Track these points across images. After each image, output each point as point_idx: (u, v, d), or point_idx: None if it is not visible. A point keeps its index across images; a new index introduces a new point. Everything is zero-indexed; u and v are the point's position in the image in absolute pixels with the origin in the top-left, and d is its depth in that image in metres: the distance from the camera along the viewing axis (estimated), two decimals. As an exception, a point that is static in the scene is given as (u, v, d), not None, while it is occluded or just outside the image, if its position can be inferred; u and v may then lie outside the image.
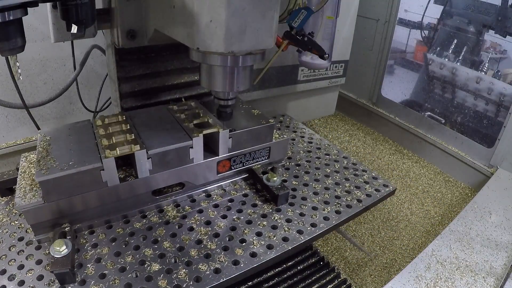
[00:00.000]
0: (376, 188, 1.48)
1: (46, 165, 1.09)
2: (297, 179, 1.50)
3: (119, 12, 1.19)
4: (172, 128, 1.29)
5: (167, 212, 1.28)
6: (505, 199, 1.96)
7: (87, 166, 1.09)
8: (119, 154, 1.12)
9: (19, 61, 0.97)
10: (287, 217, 1.29)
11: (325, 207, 1.35)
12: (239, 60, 1.04)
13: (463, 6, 3.16)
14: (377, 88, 2.98)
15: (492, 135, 2.56)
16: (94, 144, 1.19)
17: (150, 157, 1.18)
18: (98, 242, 1.15)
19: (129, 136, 1.20)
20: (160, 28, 1.15)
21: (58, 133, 1.26)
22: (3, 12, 0.80)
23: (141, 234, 1.18)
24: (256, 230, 1.22)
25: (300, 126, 1.96)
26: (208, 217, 1.27)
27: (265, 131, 1.41)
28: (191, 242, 1.16)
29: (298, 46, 1.48)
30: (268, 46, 1.00)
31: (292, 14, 1.41)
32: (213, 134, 1.29)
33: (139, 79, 1.39)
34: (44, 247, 1.13)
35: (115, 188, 1.16)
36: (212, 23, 0.90)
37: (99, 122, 1.30)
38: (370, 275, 1.85)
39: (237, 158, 1.38)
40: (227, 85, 1.13)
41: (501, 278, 1.41)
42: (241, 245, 1.16)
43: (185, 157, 1.25)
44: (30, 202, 1.07)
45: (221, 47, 0.92)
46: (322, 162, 1.63)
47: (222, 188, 1.42)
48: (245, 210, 1.31)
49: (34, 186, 1.14)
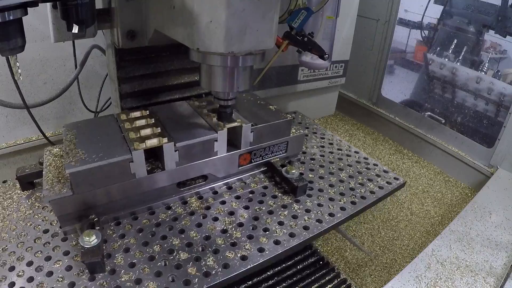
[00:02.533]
0: (387, 181, 1.55)
1: (75, 156, 1.10)
2: (313, 172, 1.56)
3: (119, 13, 1.19)
4: (196, 122, 1.33)
5: (191, 203, 1.31)
6: (505, 199, 1.96)
7: (117, 158, 1.10)
8: (148, 146, 1.14)
9: (19, 61, 0.97)
10: (306, 207, 1.33)
11: (341, 198, 1.40)
12: (239, 61, 1.04)
13: (463, 6, 3.16)
14: (377, 88, 2.98)
15: (492, 135, 2.56)
16: (121, 137, 1.21)
17: (177, 150, 1.20)
18: (125, 232, 1.16)
19: (155, 129, 1.22)
20: (160, 28, 1.15)
21: (83, 127, 1.28)
22: (3, 12, 0.80)
23: (167, 224, 1.21)
24: (277, 219, 1.26)
25: (312, 123, 2.02)
26: (231, 208, 1.30)
27: (283, 126, 1.46)
28: (217, 231, 1.19)
29: (298, 46, 1.48)
30: (268, 46, 1.00)
31: (292, 14, 1.41)
32: (235, 128, 1.32)
33: (139, 79, 1.39)
34: (70, 239, 1.14)
35: (142, 180, 1.19)
36: (212, 23, 0.90)
37: (124, 116, 1.32)
38: (370, 275, 1.85)
39: (257, 151, 1.43)
40: (227, 86, 1.13)
41: (501, 278, 1.41)
42: (265, 233, 1.20)
43: (210, 150, 1.28)
44: (59, 193, 1.08)
45: (221, 47, 0.93)
46: (335, 157, 1.70)
47: (243, 180, 1.46)
48: (266, 201, 1.35)
49: (61, 178, 1.15)
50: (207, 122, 1.32)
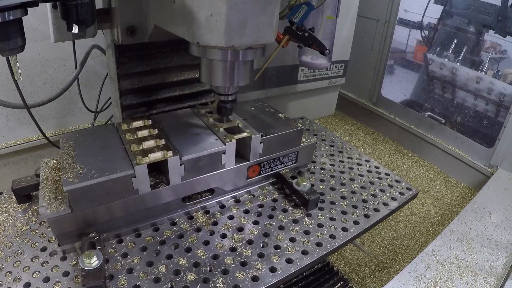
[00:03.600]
0: (400, 191, 1.49)
1: (74, 172, 1.03)
2: (324, 183, 1.50)
3: (119, 8, 1.18)
4: (202, 133, 1.27)
5: (197, 218, 1.25)
6: (505, 199, 1.96)
7: (119, 174, 1.04)
8: (151, 160, 1.08)
9: (19, 61, 0.97)
10: (318, 222, 1.27)
11: (354, 211, 1.35)
12: (239, 55, 1.02)
13: (463, 6, 3.16)
14: (377, 88, 2.98)
15: (492, 135, 2.56)
16: (122, 149, 1.15)
17: (183, 163, 1.14)
18: (128, 251, 1.10)
19: (159, 141, 1.16)
20: (160, 23, 1.14)
21: (82, 138, 1.22)
22: (3, 12, 0.80)
23: (172, 242, 1.14)
24: (289, 235, 1.20)
25: (320, 128, 1.96)
26: (239, 223, 1.24)
27: (294, 136, 1.40)
28: (225, 249, 1.13)
29: (298, 41, 1.47)
30: (268, 40, 0.98)
31: (293, 9, 1.40)
32: (244, 139, 1.27)
33: (139, 76, 1.39)
34: (70, 258, 1.08)
35: (146, 195, 1.13)
36: (212, 17, 0.88)
37: (125, 126, 1.26)
38: (370, 275, 1.85)
39: (266, 163, 1.37)
40: (227, 80, 1.11)
41: (501, 278, 1.41)
42: (276, 251, 1.13)
43: (218, 162, 1.23)
44: (56, 211, 1.01)
45: (221, 41, 0.91)
46: (346, 166, 1.64)
47: (251, 193, 1.40)
48: (276, 216, 1.29)
49: (59, 194, 1.08)
50: (214, 133, 1.27)
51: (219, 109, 1.25)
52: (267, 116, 1.48)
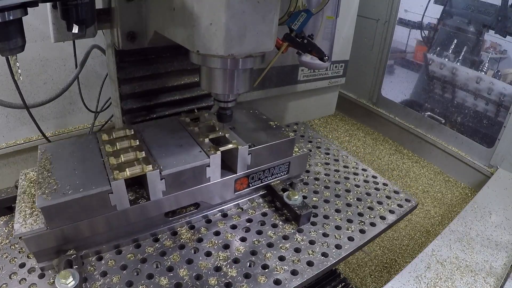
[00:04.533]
0: (398, 203, 1.43)
1: (48, 187, 1.00)
2: (317, 195, 1.44)
3: (119, 14, 1.19)
4: (186, 144, 1.21)
5: (181, 234, 1.20)
6: (505, 199, 1.96)
7: (94, 190, 1.00)
8: (129, 175, 1.04)
9: (19, 61, 0.97)
10: (310, 238, 1.21)
11: (348, 226, 1.29)
12: (239, 63, 1.03)
13: (463, 6, 3.16)
14: (377, 88, 2.98)
15: (492, 135, 2.56)
16: (101, 162, 1.11)
17: (163, 178, 1.09)
18: (107, 269, 1.06)
19: (139, 153, 1.12)
20: (160, 30, 1.15)
21: (61, 149, 1.17)
22: (3, 12, 0.80)
23: (154, 260, 1.10)
24: (278, 253, 1.14)
25: (315, 135, 1.89)
26: (226, 240, 1.18)
27: (285, 146, 1.33)
28: (209, 269, 1.08)
29: (297, 48, 1.48)
30: (268, 48, 0.99)
31: (292, 16, 1.41)
32: (230, 150, 1.21)
33: (139, 80, 1.39)
34: (48, 275, 1.05)
35: (125, 211, 1.08)
36: (212, 25, 0.89)
37: (105, 137, 1.21)
38: (370, 275, 1.85)
39: (255, 175, 1.31)
40: (227, 88, 1.11)
41: (501, 278, 1.41)
42: (264, 271, 1.08)
43: (201, 176, 1.17)
44: (31, 229, 0.98)
45: (221, 50, 0.91)
46: (341, 176, 1.56)
47: (239, 206, 1.34)
48: (265, 231, 1.22)
49: (35, 210, 1.05)
50: (199, 144, 1.21)
51: (219, 116, 1.23)
52: (257, 124, 1.41)
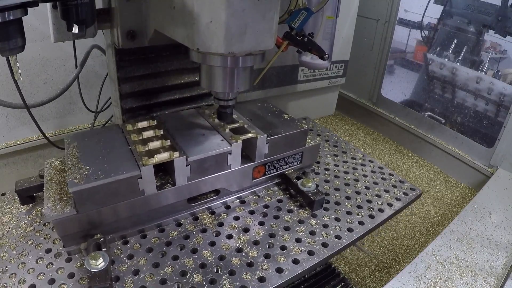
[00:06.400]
0: (404, 191, 1.51)
1: (79, 173, 1.03)
2: (328, 183, 1.51)
3: (119, 13, 1.19)
4: (207, 133, 1.28)
5: (203, 219, 1.25)
6: (505, 199, 1.96)
7: (125, 175, 1.03)
8: (158, 161, 1.08)
9: (19, 61, 0.97)
10: (323, 222, 1.28)
11: (358, 211, 1.36)
12: (239, 61, 1.04)
13: (463, 6, 3.16)
14: (377, 88, 2.98)
15: (492, 135, 2.56)
16: (128, 150, 1.15)
17: (189, 164, 1.14)
18: (133, 252, 1.09)
19: (165, 142, 1.16)
20: (160, 28, 1.15)
21: (86, 139, 1.21)
22: (3, 12, 0.80)
23: (178, 243, 1.14)
24: (295, 236, 1.20)
25: (323, 129, 1.97)
26: (245, 224, 1.24)
27: (299, 136, 1.41)
28: (231, 250, 1.13)
29: (298, 46, 1.48)
30: (268, 46, 0.99)
31: (292, 15, 1.41)
32: (249, 139, 1.27)
33: (139, 79, 1.39)
34: (75, 259, 1.08)
35: (151, 197, 1.12)
36: (212, 24, 0.89)
37: (130, 127, 1.26)
38: (370, 275, 1.85)
39: (271, 163, 1.38)
40: (227, 86, 1.12)
41: (501, 278, 1.41)
42: (283, 252, 1.14)
43: (223, 163, 1.23)
44: (62, 213, 1.01)
45: (221, 48, 0.92)
46: (350, 166, 1.65)
47: (256, 193, 1.40)
48: (281, 216, 1.29)
49: (64, 196, 1.07)
50: (220, 134, 1.27)
51: (219, 114, 1.27)
52: (272, 117, 1.48)
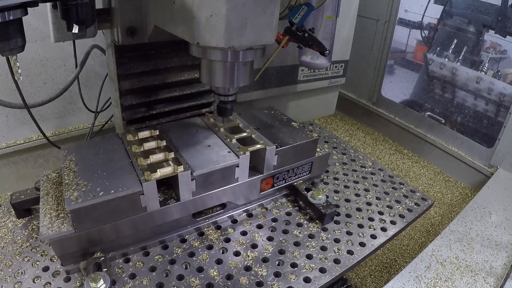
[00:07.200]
0: (415, 202, 1.47)
1: (77, 189, 0.97)
2: (338, 194, 1.46)
3: (119, 9, 1.18)
4: (213, 144, 1.22)
5: (209, 235, 1.19)
6: (505, 199, 1.96)
7: (126, 191, 0.98)
8: (161, 176, 1.02)
9: (19, 61, 0.97)
10: (335, 237, 1.23)
11: (370, 224, 1.32)
12: (239, 56, 1.02)
13: (463, 6, 3.16)
14: (377, 88, 2.98)
15: (492, 135, 2.56)
16: (129, 163, 1.09)
17: (194, 179, 1.09)
18: (136, 271, 1.04)
19: (168, 154, 1.10)
20: (160, 24, 1.14)
21: (84, 150, 1.15)
22: (3, 12, 0.80)
23: (183, 261, 1.08)
24: (305, 252, 1.16)
25: (331, 135, 1.91)
26: (253, 240, 1.19)
27: (309, 146, 1.36)
28: (240, 268, 1.07)
29: (298, 42, 1.47)
30: (268, 41, 0.99)
31: (292, 10, 1.40)
32: (257, 150, 1.22)
33: (139, 76, 1.39)
34: (74, 279, 1.02)
35: (154, 213, 1.07)
36: (212, 18, 0.88)
37: (131, 137, 1.20)
38: (370, 275, 1.85)
39: (280, 175, 1.33)
40: (227, 81, 1.11)
41: (501, 278, 1.41)
42: (293, 270, 1.09)
43: (230, 176, 1.18)
44: (59, 232, 0.95)
45: (221, 42, 0.91)
46: (359, 175, 1.60)
47: (264, 206, 1.35)
48: (290, 231, 1.24)
49: (61, 212, 1.01)
50: (227, 145, 1.21)
51: (219, 109, 1.24)
52: (281, 125, 1.44)
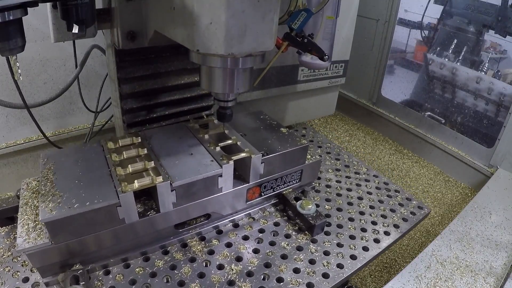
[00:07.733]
0: (411, 211, 1.43)
1: (52, 200, 0.95)
2: (330, 203, 1.41)
3: (119, 13, 1.19)
4: (196, 153, 1.17)
5: (192, 246, 1.16)
6: (505, 199, 1.96)
7: (101, 203, 0.95)
8: (138, 187, 0.99)
9: (19, 61, 0.97)
10: (324, 249, 1.19)
11: (363, 235, 1.27)
12: (239, 62, 1.03)
13: (463, 6, 3.16)
14: (377, 88, 2.98)
15: (492, 135, 2.56)
16: (107, 173, 1.06)
17: (174, 189, 1.05)
18: (115, 285, 1.01)
19: (148, 163, 1.07)
20: (160, 29, 1.15)
21: (64, 158, 1.12)
22: (3, 12, 0.80)
23: (164, 274, 1.05)
24: (292, 265, 1.11)
25: (325, 140, 1.84)
26: (238, 252, 1.14)
27: (298, 154, 1.31)
28: (222, 283, 1.04)
29: (298, 47, 1.48)
30: (268, 48, 0.99)
31: (292, 16, 1.41)
32: (243, 159, 1.18)
33: (139, 80, 1.39)
34: None
35: (133, 225, 1.04)
36: (212, 25, 0.89)
37: (111, 145, 1.16)
38: (370, 275, 1.85)
39: (267, 183, 1.28)
40: (227, 87, 1.11)
41: (501, 278, 1.41)
42: (279, 285, 1.05)
43: (213, 186, 1.14)
44: (35, 244, 0.93)
45: (221, 49, 0.92)
46: (353, 182, 1.55)
47: (251, 216, 1.30)
48: (278, 242, 1.19)
49: (38, 223, 0.99)
50: (210, 153, 1.17)
51: (219, 115, 1.23)
52: (269, 131, 1.39)
